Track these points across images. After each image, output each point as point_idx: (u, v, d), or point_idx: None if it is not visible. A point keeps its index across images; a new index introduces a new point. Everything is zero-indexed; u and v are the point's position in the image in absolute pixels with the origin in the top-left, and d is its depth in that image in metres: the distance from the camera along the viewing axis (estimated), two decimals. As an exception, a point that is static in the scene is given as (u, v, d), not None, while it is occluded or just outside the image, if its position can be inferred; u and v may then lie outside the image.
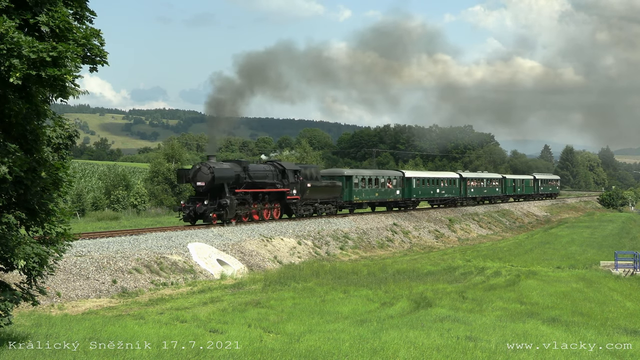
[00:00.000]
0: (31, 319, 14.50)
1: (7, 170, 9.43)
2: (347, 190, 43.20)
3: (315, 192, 38.79)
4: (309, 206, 38.66)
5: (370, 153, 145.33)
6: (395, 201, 49.59)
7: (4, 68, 8.91)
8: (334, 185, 41.16)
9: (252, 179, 33.56)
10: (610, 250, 36.08)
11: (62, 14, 9.74)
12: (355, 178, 43.89)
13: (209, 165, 31.54)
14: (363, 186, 44.80)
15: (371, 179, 46.16)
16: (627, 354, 13.02)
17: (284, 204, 36.49)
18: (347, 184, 43.28)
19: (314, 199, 38.87)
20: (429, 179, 54.91)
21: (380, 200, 47.41)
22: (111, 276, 21.11)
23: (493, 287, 22.87)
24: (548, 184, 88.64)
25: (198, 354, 11.45)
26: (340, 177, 43.45)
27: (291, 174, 36.43)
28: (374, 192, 46.05)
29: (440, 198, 56.85)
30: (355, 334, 13.69)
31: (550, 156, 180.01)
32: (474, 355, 12.03)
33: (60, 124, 11.61)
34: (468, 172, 72.20)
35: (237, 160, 34.31)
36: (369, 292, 21.12)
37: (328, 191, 40.48)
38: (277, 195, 35.71)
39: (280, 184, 35.65)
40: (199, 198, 31.44)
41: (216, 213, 31.11)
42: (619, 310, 19.77)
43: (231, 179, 32.18)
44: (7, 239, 10.20)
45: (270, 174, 35.37)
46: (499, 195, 70.35)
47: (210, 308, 18.12)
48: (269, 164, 36.54)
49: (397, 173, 50.44)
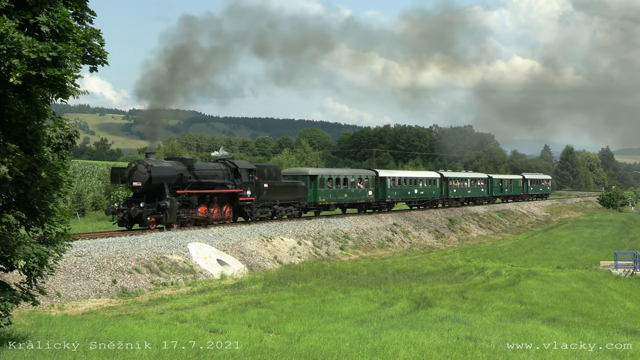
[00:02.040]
0: (31, 319, 14.50)
1: (7, 170, 9.43)
2: (311, 191, 40.28)
3: (273, 193, 35.83)
4: (266, 208, 35.63)
5: (370, 153, 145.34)
6: (367, 203, 46.56)
7: (4, 68, 8.91)
8: (295, 186, 38.20)
9: (198, 179, 30.59)
10: (610, 250, 36.07)
11: (62, 14, 9.74)
12: (321, 178, 41.04)
13: (146, 163, 28.39)
14: (330, 186, 41.86)
15: (339, 179, 43.23)
16: (627, 354, 13.02)
17: (237, 206, 33.56)
18: (312, 184, 40.40)
19: (272, 200, 35.86)
20: (406, 178, 52.05)
21: (350, 202, 44.52)
22: (111, 276, 21.11)
23: (493, 287, 22.87)
24: (538, 184, 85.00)
25: (198, 354, 11.45)
26: (304, 176, 40.66)
27: (245, 173, 33.58)
28: (342, 193, 43.06)
29: (419, 199, 53.74)
30: (355, 334, 13.69)
31: (550, 156, 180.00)
32: (474, 355, 12.03)
33: (60, 124, 11.62)
34: (450, 171, 68.80)
35: (182, 158, 31.72)
36: (369, 292, 21.12)
37: (289, 192, 37.55)
38: (228, 196, 32.62)
39: (231, 184, 32.69)
40: (136, 200, 28.52)
41: (154, 217, 28.24)
42: (619, 310, 19.77)
43: (172, 179, 29.12)
44: (7, 239, 10.20)
45: (221, 173, 32.46)
46: (484, 196, 66.94)
47: (210, 308, 18.13)
48: (220, 162, 33.75)
49: (369, 172, 47.80)
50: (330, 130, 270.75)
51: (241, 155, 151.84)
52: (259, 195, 34.46)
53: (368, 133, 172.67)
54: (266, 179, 35.24)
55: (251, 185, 33.85)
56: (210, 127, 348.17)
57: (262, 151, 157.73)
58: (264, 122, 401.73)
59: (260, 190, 34.56)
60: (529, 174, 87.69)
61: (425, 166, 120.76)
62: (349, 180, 44.04)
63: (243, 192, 33.22)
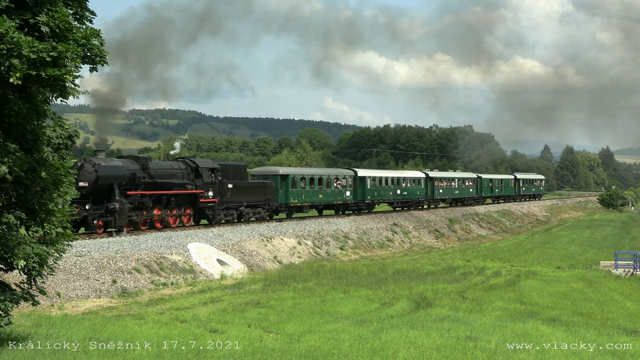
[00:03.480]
0: (31, 319, 14.50)
1: (7, 170, 9.43)
2: (282, 192, 38.23)
3: (239, 193, 33.70)
4: (231, 210, 33.49)
5: (370, 153, 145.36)
6: (345, 204, 44.27)
7: (4, 68, 8.91)
8: (264, 186, 36.14)
9: (153, 179, 28.53)
10: (610, 250, 36.07)
11: (62, 14, 9.73)
12: (293, 177, 39.00)
13: (93, 162, 26.09)
14: (303, 187, 39.69)
15: (313, 179, 40.96)
16: (627, 354, 13.02)
17: (198, 208, 31.37)
18: (283, 184, 38.35)
19: (238, 201, 33.74)
20: (387, 178, 49.73)
21: (325, 203, 42.36)
22: (111, 276, 21.12)
23: (493, 287, 22.87)
24: (531, 184, 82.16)
25: (198, 354, 11.45)
26: (274, 176, 38.59)
27: (206, 172, 31.45)
28: (317, 193, 40.89)
29: (402, 200, 51.54)
30: (355, 334, 13.69)
31: (550, 156, 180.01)
32: (474, 355, 12.03)
33: (60, 124, 11.61)
34: (437, 171, 66.51)
35: (135, 157, 29.66)
36: (369, 292, 21.13)
37: (257, 193, 35.47)
38: (187, 198, 30.50)
39: (191, 184, 30.59)
40: (83, 202, 25.51)
41: (102, 220, 26.03)
42: (619, 310, 19.77)
43: (123, 179, 26.95)
44: (7, 239, 10.20)
45: (179, 172, 30.35)
46: (473, 197, 64.39)
47: (210, 308, 18.14)
48: (179, 160, 31.60)
49: (347, 172, 45.89)
50: (330, 130, 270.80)
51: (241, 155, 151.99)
52: (222, 197, 32.49)
53: (368, 133, 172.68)
54: (231, 178, 33.35)
55: (214, 186, 31.83)
56: (210, 127, 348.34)
57: (262, 151, 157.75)
58: (264, 122, 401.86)
59: (224, 190, 32.61)
60: (521, 174, 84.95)
61: (425, 166, 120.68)
62: (324, 180, 41.90)
63: (204, 193, 31.21)
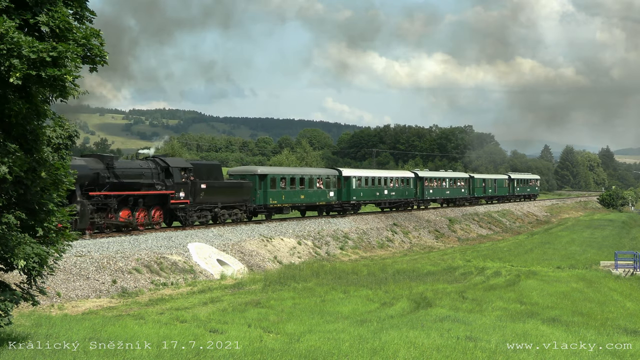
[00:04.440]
0: (31, 319, 14.50)
1: (7, 170, 9.43)
2: (260, 192, 36.57)
3: (213, 194, 32.08)
4: (205, 212, 31.87)
5: (370, 153, 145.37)
6: (328, 205, 42.54)
7: (4, 68, 8.91)
8: (241, 186, 34.52)
9: (119, 179, 27.09)
10: (610, 250, 36.08)
11: (62, 14, 9.73)
12: (272, 177, 37.47)
13: None
14: (283, 187, 38.20)
15: (294, 179, 39.33)
16: (627, 354, 13.02)
17: (168, 210, 29.74)
18: (261, 184, 36.71)
19: (212, 202, 32.12)
20: (375, 178, 48.02)
21: (308, 204, 40.65)
22: (111, 276, 21.12)
23: (493, 287, 22.87)
24: (526, 185, 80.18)
25: (198, 354, 11.45)
26: (252, 176, 36.92)
27: (177, 172, 29.88)
28: (298, 194, 39.25)
29: (390, 200, 49.87)
30: (355, 334, 13.69)
31: (550, 156, 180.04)
32: (474, 355, 12.02)
33: (60, 124, 11.61)
34: (427, 170, 64.69)
35: (100, 155, 27.76)
36: (369, 292, 21.13)
37: (233, 193, 33.79)
38: (156, 199, 28.86)
39: (161, 184, 29.06)
40: None
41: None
42: (619, 310, 19.77)
43: (85, 179, 25.36)
44: (7, 239, 10.20)
45: (148, 172, 28.76)
46: (465, 198, 62.72)
47: (210, 308, 18.14)
48: (149, 160, 30.08)
49: (331, 171, 44.21)
50: (330, 130, 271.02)
51: (241, 155, 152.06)
52: (195, 197, 30.91)
53: (368, 133, 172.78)
54: (205, 178, 31.79)
55: (185, 186, 30.25)
56: (210, 127, 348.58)
57: (262, 151, 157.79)
58: (264, 122, 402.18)
59: (197, 191, 31.02)
60: (515, 174, 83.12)
61: (425, 166, 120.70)
62: (305, 180, 40.30)
63: (175, 193, 29.58)
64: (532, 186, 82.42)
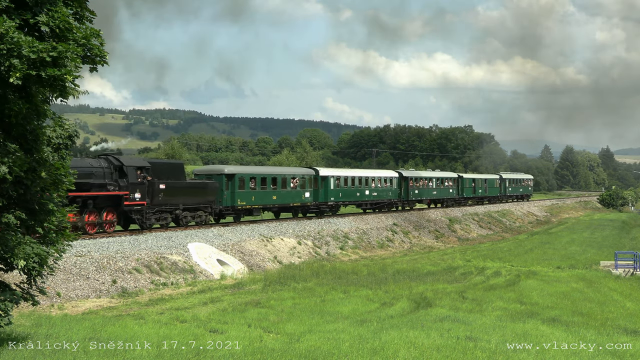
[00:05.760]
0: (31, 319, 14.50)
1: (7, 170, 9.43)
2: (228, 193, 34.13)
3: (174, 195, 29.79)
4: (165, 214, 29.62)
5: (370, 153, 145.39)
6: (303, 206, 40.18)
7: (4, 68, 8.91)
8: (205, 187, 32.24)
9: None
10: (610, 250, 36.09)
11: (62, 14, 9.73)
12: (241, 177, 35.08)
13: None
14: (253, 187, 35.76)
15: (265, 179, 36.92)
16: (627, 354, 13.02)
17: (123, 212, 27.57)
18: (229, 184, 34.29)
19: (173, 204, 29.90)
20: (354, 178, 45.63)
21: (280, 205, 38.36)
22: (111, 276, 21.12)
23: (493, 287, 22.88)
24: (518, 185, 77.01)
25: (198, 354, 11.45)
26: (218, 175, 34.44)
27: (133, 171, 27.56)
28: (269, 194, 36.93)
29: (372, 201, 47.48)
30: (355, 334, 13.69)
31: (550, 156, 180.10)
32: (474, 355, 12.03)
33: (60, 124, 11.61)
34: (413, 170, 62.50)
35: None
36: (369, 292, 21.13)
37: (196, 194, 31.48)
38: (107, 200, 26.71)
39: (114, 185, 26.86)
40: None
41: None
42: (619, 310, 19.77)
43: None
44: (7, 239, 10.20)
45: (99, 171, 26.70)
46: (453, 198, 60.42)
47: (210, 308, 18.14)
48: (101, 158, 27.99)
49: (306, 171, 42.00)
50: (330, 130, 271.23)
51: (241, 155, 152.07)
52: (153, 199, 28.64)
53: (368, 133, 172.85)
54: (165, 178, 29.54)
55: (142, 187, 27.96)
56: (210, 127, 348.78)
57: (262, 151, 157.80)
58: (264, 122, 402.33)
59: (155, 192, 28.73)
60: (507, 174, 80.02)
61: (425, 166, 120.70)
62: (278, 179, 37.96)
63: (130, 194, 27.35)
64: (525, 186, 79.60)
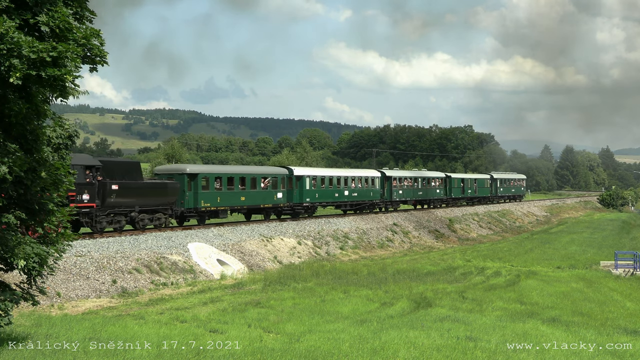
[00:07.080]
0: (31, 319, 14.51)
1: (7, 170, 9.43)
2: (190, 194, 31.90)
3: (128, 196, 27.70)
4: (118, 216, 27.55)
5: (370, 153, 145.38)
6: (275, 207, 38.09)
7: (4, 68, 8.91)
8: (164, 187, 30.09)
9: None
10: (610, 250, 36.09)
11: (62, 14, 9.73)
12: (204, 177, 32.94)
13: None
14: (219, 188, 33.61)
15: (233, 178, 34.81)
16: (627, 354, 13.02)
17: None
18: (191, 185, 32.07)
19: (128, 206, 27.86)
20: (333, 177, 43.54)
21: (250, 206, 36.10)
22: (111, 276, 21.12)
23: (493, 287, 22.88)
24: (510, 185, 74.35)
25: (198, 354, 11.45)
26: (180, 175, 32.13)
27: (81, 171, 25.52)
28: (237, 195, 34.77)
29: (352, 202, 45.23)
30: (355, 334, 13.69)
31: (550, 156, 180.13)
32: (474, 355, 12.03)
33: (60, 124, 11.62)
34: (397, 169, 60.60)
35: None
36: (369, 292, 21.13)
37: (154, 195, 29.36)
38: None
39: None
40: None
41: None
42: (619, 310, 19.78)
43: None
44: (7, 239, 10.20)
45: None
46: (440, 199, 58.13)
47: (210, 308, 18.14)
48: None
49: (278, 170, 39.96)
50: (330, 130, 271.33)
51: (241, 155, 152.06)
52: (104, 200, 26.56)
53: (368, 133, 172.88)
54: (118, 178, 27.55)
55: (90, 187, 25.95)
56: (210, 127, 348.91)
57: (262, 151, 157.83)
58: (264, 122, 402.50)
59: (106, 193, 26.61)
60: (498, 173, 76.89)
61: (425, 166, 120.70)
62: (247, 179, 35.80)
63: (77, 196, 25.31)
64: (517, 186, 77.00)
